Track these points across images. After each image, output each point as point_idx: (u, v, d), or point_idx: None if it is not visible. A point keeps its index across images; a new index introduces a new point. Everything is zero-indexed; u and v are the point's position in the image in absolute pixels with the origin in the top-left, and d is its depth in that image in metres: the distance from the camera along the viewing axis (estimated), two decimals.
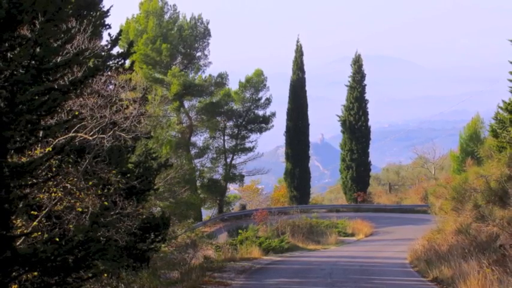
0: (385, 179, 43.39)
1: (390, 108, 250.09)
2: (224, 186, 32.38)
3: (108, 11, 9.64)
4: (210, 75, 30.93)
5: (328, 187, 57.07)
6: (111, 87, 8.50)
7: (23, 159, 6.71)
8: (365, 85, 35.86)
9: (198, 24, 31.05)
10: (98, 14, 9.26)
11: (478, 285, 9.64)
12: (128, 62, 9.07)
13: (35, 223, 6.93)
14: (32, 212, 6.97)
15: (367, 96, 35.97)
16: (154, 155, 10.70)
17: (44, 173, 6.99)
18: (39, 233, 6.86)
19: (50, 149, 6.61)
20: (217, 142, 32.75)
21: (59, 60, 6.64)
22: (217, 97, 31.03)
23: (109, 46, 8.10)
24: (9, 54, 6.22)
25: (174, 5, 30.98)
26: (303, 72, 35.19)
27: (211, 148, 32.64)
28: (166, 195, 17.51)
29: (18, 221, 6.86)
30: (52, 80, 6.58)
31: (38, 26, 6.13)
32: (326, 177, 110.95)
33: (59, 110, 6.99)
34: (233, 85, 32.09)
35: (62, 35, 6.75)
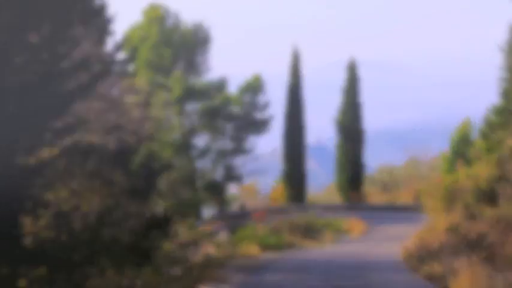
0: (379, 179, 43.69)
1: (384, 111, 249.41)
2: (224, 186, 32.80)
3: (112, 18, 9.90)
4: (210, 79, 31.45)
5: (324, 187, 57.26)
6: (115, 91, 8.74)
7: (31, 161, 6.90)
8: (360, 88, 36.32)
9: (199, 30, 31.55)
10: (103, 21, 9.51)
11: (468, 281, 9.92)
12: (131, 67, 9.27)
13: (42, 222, 7.13)
14: (40, 211, 7.16)
15: (361, 99, 36.46)
16: (157, 157, 10.92)
17: (51, 174, 7.18)
18: (47, 231, 7.06)
19: (57, 151, 6.80)
20: (217, 144, 33.19)
21: (65, 65, 6.84)
22: (217, 101, 31.49)
23: (113, 52, 8.36)
24: (18, 60, 6.42)
25: (176, 12, 31.52)
26: (300, 75, 35.60)
27: (212, 150, 33.08)
28: (169, 195, 17.77)
29: (27, 219, 7.04)
30: (59, 84, 6.78)
31: (46, 33, 6.33)
32: (322, 177, 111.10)
33: (66, 113, 7.20)
34: (232, 88, 32.55)
35: (69, 41, 6.96)
